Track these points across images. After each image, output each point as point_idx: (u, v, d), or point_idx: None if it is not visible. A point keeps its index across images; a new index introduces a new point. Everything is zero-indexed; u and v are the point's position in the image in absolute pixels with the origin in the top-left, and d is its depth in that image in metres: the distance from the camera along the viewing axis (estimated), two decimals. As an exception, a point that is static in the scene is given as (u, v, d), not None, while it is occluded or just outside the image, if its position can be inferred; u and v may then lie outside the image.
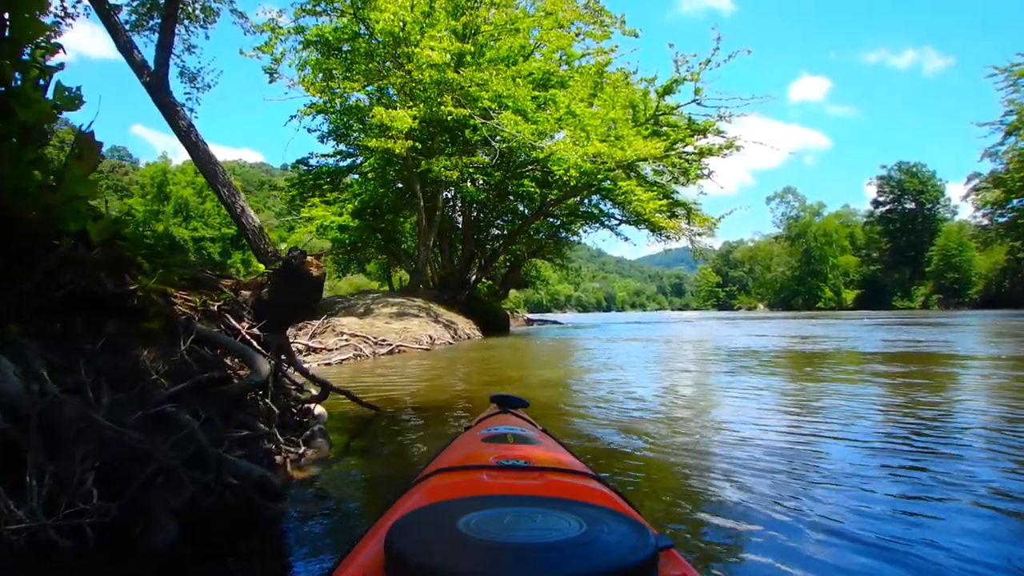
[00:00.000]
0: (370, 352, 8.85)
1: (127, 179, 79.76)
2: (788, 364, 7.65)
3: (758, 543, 1.77)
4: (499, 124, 14.52)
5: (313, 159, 19.33)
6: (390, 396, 4.80)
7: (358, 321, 10.79)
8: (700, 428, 3.50)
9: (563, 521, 0.77)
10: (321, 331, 9.41)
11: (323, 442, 2.69)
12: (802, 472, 2.49)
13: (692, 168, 19.51)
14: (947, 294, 66.58)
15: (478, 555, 0.67)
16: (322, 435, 2.74)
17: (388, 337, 9.92)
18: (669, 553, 0.80)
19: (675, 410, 4.19)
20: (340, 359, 7.98)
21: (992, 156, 42.08)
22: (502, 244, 22.33)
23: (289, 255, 2.42)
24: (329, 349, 8.38)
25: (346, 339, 8.95)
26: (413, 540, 0.70)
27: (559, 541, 0.71)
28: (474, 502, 0.86)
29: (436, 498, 0.95)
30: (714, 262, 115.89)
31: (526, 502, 0.87)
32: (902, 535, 1.80)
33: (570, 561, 0.66)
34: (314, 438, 2.66)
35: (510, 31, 16.24)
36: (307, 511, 2.05)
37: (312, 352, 8.15)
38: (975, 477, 2.40)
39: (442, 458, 1.33)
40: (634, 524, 0.78)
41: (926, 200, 77.19)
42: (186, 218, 63.74)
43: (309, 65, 15.70)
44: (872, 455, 2.82)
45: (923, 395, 4.57)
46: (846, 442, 3.08)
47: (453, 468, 1.17)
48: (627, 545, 0.70)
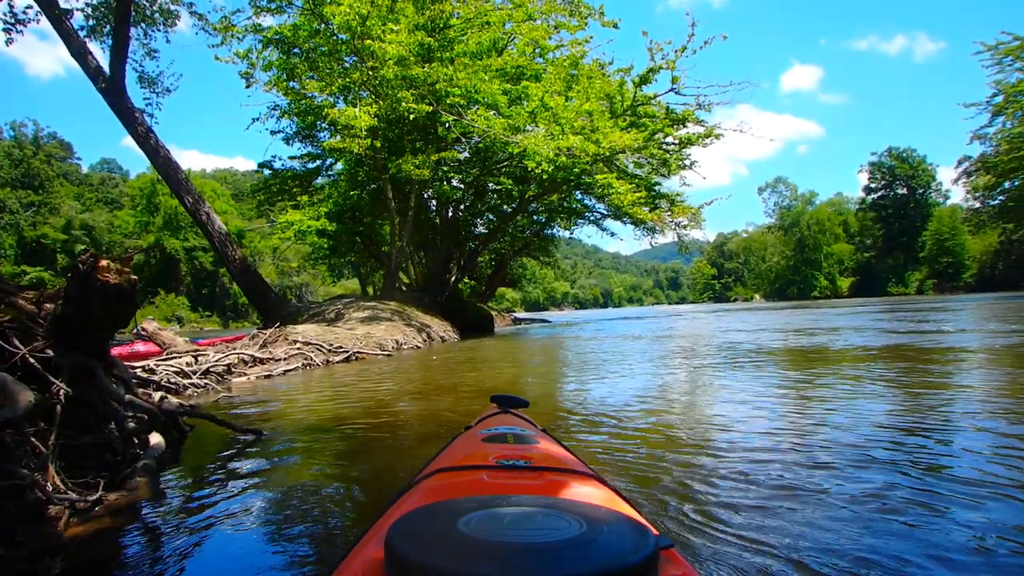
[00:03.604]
0: (322, 361, 8.40)
1: (117, 191, 79.05)
2: (784, 359, 7.34)
3: (758, 543, 1.77)
4: (470, 120, 14.08)
5: (277, 162, 18.77)
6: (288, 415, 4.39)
7: (317, 328, 10.34)
8: (700, 429, 3.47)
9: (563, 521, 0.77)
10: (273, 340, 8.97)
11: (143, 481, 2.25)
12: (802, 471, 2.49)
13: (673, 159, 19.09)
14: (941, 279, 66.23)
15: (478, 555, 0.67)
16: (147, 472, 2.30)
17: (347, 344, 9.46)
18: (669, 553, 0.81)
19: (671, 412, 4.12)
20: (285, 370, 7.53)
21: (981, 139, 41.66)
22: (481, 243, 21.85)
23: (78, 260, 1.99)
24: (277, 359, 7.94)
25: (298, 348, 8.50)
26: (413, 540, 0.70)
27: (559, 541, 0.70)
28: (474, 502, 0.85)
29: (436, 498, 0.94)
30: (709, 254, 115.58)
31: (526, 502, 0.86)
32: (902, 536, 1.81)
33: (570, 561, 0.65)
34: (132, 477, 2.22)
35: (480, 25, 15.78)
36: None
37: (258, 363, 7.71)
38: (976, 472, 2.37)
39: (442, 458, 1.32)
40: (634, 524, 0.77)
41: (917, 185, 76.87)
42: (176, 229, 63.04)
43: (274, 66, 15.26)
44: (873, 452, 2.77)
45: (922, 390, 4.37)
46: (846, 438, 3.05)
47: (453, 468, 1.17)
48: (627, 545, 0.70)
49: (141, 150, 14.23)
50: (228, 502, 2.32)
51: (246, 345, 8.70)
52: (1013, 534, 1.78)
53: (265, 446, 3.24)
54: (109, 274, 2.06)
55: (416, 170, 14.21)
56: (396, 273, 18.12)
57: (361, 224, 20.10)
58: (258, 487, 2.52)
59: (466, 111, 14.25)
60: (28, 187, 58.69)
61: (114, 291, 2.08)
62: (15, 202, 54.72)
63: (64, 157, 75.18)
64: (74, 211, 62.26)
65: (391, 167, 14.50)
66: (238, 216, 63.33)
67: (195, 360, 6.98)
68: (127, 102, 13.88)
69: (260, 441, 3.29)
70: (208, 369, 6.60)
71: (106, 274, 2.05)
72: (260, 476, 2.69)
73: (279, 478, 2.65)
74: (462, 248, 21.47)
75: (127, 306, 2.18)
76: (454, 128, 15.71)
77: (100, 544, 1.92)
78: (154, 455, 2.48)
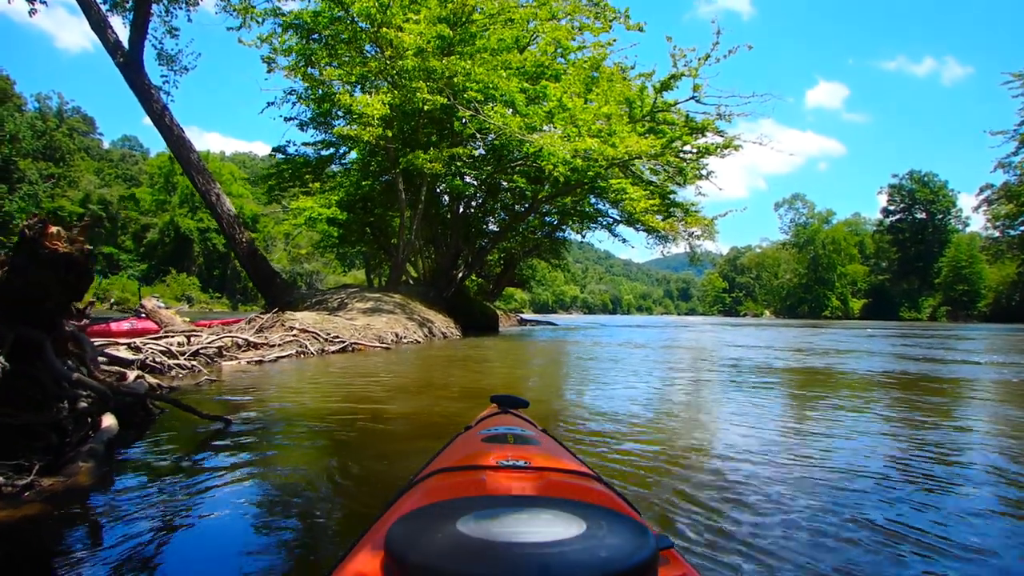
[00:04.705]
0: (317, 350, 8.26)
1: (136, 168, 79.68)
2: (789, 377, 7.20)
3: (758, 543, 1.78)
4: (485, 116, 13.91)
5: (292, 147, 18.68)
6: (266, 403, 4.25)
7: (316, 316, 10.22)
8: (700, 434, 3.49)
9: (563, 522, 0.76)
10: (270, 325, 8.85)
11: (86, 467, 2.10)
12: (801, 474, 2.53)
13: (690, 168, 18.84)
14: (956, 306, 65.24)
15: (478, 555, 0.66)
16: (92, 457, 2.14)
17: (344, 334, 9.33)
18: (669, 553, 0.81)
19: (675, 418, 4.13)
20: (277, 356, 7.39)
21: (1006, 167, 41.06)
22: (491, 241, 21.67)
23: (24, 226, 1.84)
24: (271, 345, 7.81)
25: (294, 335, 8.37)
26: (413, 540, 0.69)
27: (559, 541, 0.70)
28: (474, 502, 0.85)
29: (436, 498, 0.93)
30: (721, 267, 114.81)
31: (526, 502, 0.86)
32: (902, 537, 1.85)
33: (570, 561, 0.65)
34: (75, 461, 2.07)
35: (504, 21, 15.60)
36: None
37: (251, 348, 7.59)
38: (976, 493, 2.41)
39: (442, 458, 1.32)
40: (634, 524, 0.77)
41: (937, 210, 75.88)
42: (192, 208, 63.31)
43: (295, 51, 15.17)
44: (869, 457, 2.86)
45: (928, 417, 4.26)
46: (844, 445, 3.13)
47: (453, 468, 1.16)
48: (627, 545, 0.69)
49: (155, 127, 14.22)
50: (176, 495, 2.16)
51: (242, 329, 8.59)
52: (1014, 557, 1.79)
53: (231, 436, 3.07)
54: (59, 242, 1.91)
55: (429, 164, 14.07)
56: (403, 266, 18.00)
57: (372, 215, 20.00)
58: (213, 481, 2.35)
59: (483, 107, 14.09)
60: (49, 159, 59.17)
61: (63, 260, 1.93)
62: (35, 173, 55.17)
63: (86, 132, 75.90)
64: (93, 185, 62.80)
65: (402, 160, 14.35)
66: (254, 201, 63.58)
67: (187, 340, 6.87)
68: (144, 78, 13.86)
69: (227, 431, 3.14)
70: (198, 350, 6.48)
71: (55, 242, 1.90)
72: (218, 470, 2.52)
73: (237, 473, 2.48)
74: (471, 245, 21.31)
75: (79, 277, 2.03)
76: (470, 124, 15.56)
77: (22, 533, 1.77)
78: (103, 439, 2.32)
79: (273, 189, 18.95)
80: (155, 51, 15.53)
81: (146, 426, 3.15)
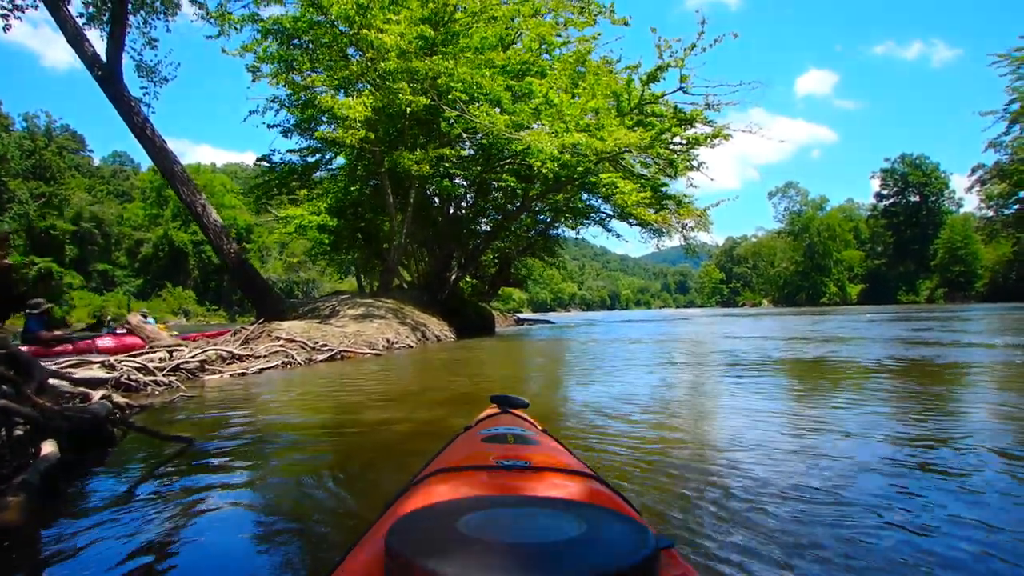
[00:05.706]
0: (304, 359, 8.08)
1: (128, 184, 79.35)
2: (789, 367, 7.05)
3: (758, 543, 1.77)
4: (471, 116, 13.74)
5: (276, 156, 18.45)
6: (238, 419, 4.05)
7: (303, 325, 10.04)
8: (699, 432, 3.45)
9: (563, 521, 0.76)
10: (256, 336, 8.67)
11: (15, 501, 1.92)
12: (801, 472, 2.48)
13: (680, 159, 18.69)
14: (952, 287, 65.16)
15: (478, 555, 0.66)
16: (24, 490, 1.97)
17: (333, 342, 9.14)
18: (669, 553, 0.81)
19: (673, 415, 4.05)
20: (262, 368, 7.21)
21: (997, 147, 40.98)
22: (484, 241, 21.49)
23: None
24: (256, 356, 7.63)
25: (280, 345, 8.19)
26: (413, 540, 0.69)
27: (559, 541, 0.70)
28: (474, 502, 0.85)
29: (436, 498, 0.93)
30: (717, 259, 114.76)
31: (526, 502, 0.86)
32: (901, 537, 1.80)
33: (570, 561, 0.65)
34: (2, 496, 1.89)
35: (486, 20, 15.42)
36: None
37: (236, 360, 7.40)
38: (982, 482, 2.34)
39: (442, 458, 1.31)
40: (634, 524, 0.77)
41: (930, 193, 75.83)
42: (185, 222, 62.97)
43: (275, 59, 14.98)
44: (873, 453, 2.78)
45: (931, 401, 4.23)
46: (846, 441, 3.04)
47: (453, 468, 1.15)
48: (627, 545, 0.69)
49: (137, 139, 14.00)
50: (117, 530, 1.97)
51: (227, 341, 8.41)
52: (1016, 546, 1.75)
53: (193, 458, 2.90)
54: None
55: (415, 165, 13.89)
56: (394, 270, 17.82)
57: (362, 220, 19.80)
58: (165, 512, 2.17)
59: (469, 107, 13.91)
60: (39, 178, 58.80)
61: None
62: (25, 192, 54.83)
63: (76, 149, 75.48)
64: (84, 202, 62.45)
65: (387, 161, 14.17)
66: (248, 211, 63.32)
67: (170, 356, 6.69)
68: (124, 90, 13.65)
69: (190, 450, 2.96)
70: (178, 365, 6.30)
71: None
72: (174, 499, 2.32)
73: (194, 503, 2.28)
74: (464, 246, 21.11)
75: None
76: (456, 124, 15.39)
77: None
78: (40, 469, 2.14)
79: (260, 199, 18.72)
80: (134, 63, 15.35)
81: (104, 452, 2.97)
